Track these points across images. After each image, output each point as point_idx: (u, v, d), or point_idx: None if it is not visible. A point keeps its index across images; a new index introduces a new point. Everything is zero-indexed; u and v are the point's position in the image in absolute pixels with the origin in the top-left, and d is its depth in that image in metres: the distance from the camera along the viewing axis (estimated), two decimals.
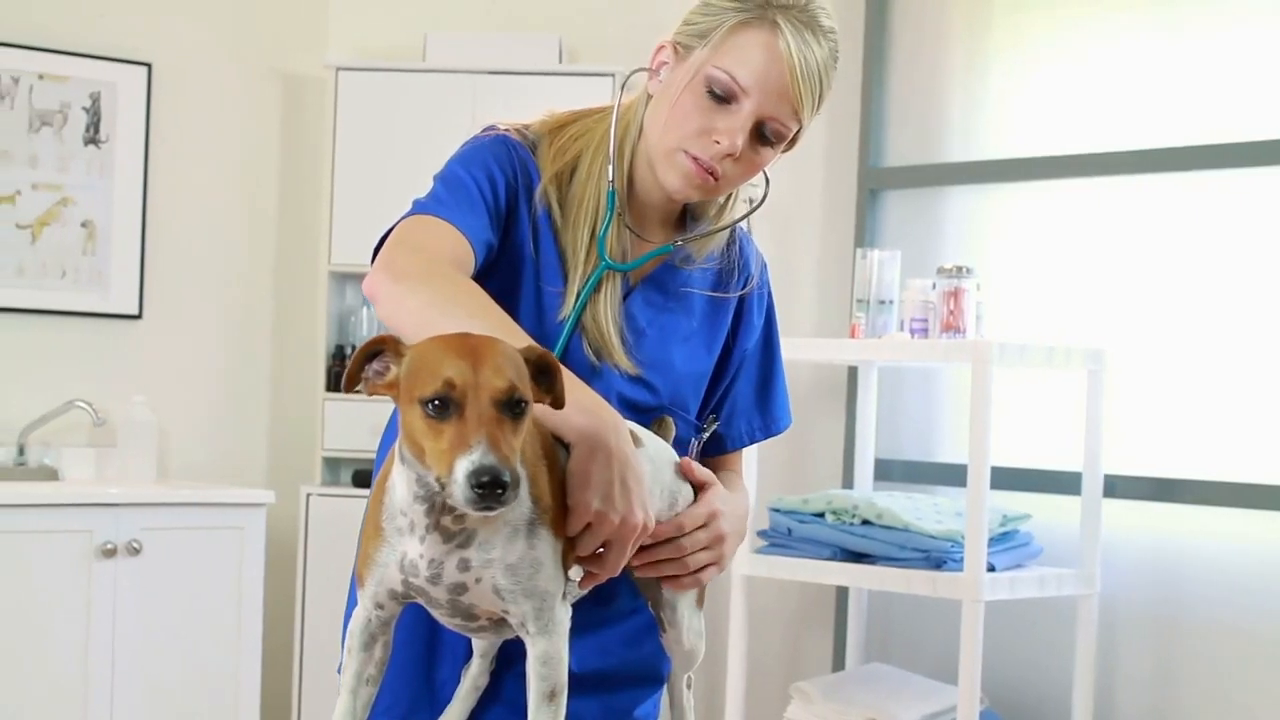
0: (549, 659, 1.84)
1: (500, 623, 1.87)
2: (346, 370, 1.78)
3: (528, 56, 5.51)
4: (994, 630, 4.70)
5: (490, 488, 1.63)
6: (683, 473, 2.12)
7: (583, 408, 1.88)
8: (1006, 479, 4.77)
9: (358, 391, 1.79)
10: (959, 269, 4.51)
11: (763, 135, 2.12)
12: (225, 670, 4.97)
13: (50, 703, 4.68)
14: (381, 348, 1.77)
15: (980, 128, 5.12)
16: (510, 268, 2.19)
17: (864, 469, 5.09)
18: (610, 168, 2.19)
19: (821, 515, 4.59)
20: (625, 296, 2.23)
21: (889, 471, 5.17)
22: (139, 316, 5.48)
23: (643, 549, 2.02)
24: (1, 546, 4.59)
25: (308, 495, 5.37)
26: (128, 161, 5.44)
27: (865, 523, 4.50)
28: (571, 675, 2.18)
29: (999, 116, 5.08)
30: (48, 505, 4.72)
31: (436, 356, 1.71)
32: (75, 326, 5.38)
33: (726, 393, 2.35)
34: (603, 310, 2.18)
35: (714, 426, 2.34)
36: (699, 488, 2.13)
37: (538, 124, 2.27)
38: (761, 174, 2.23)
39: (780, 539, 4.67)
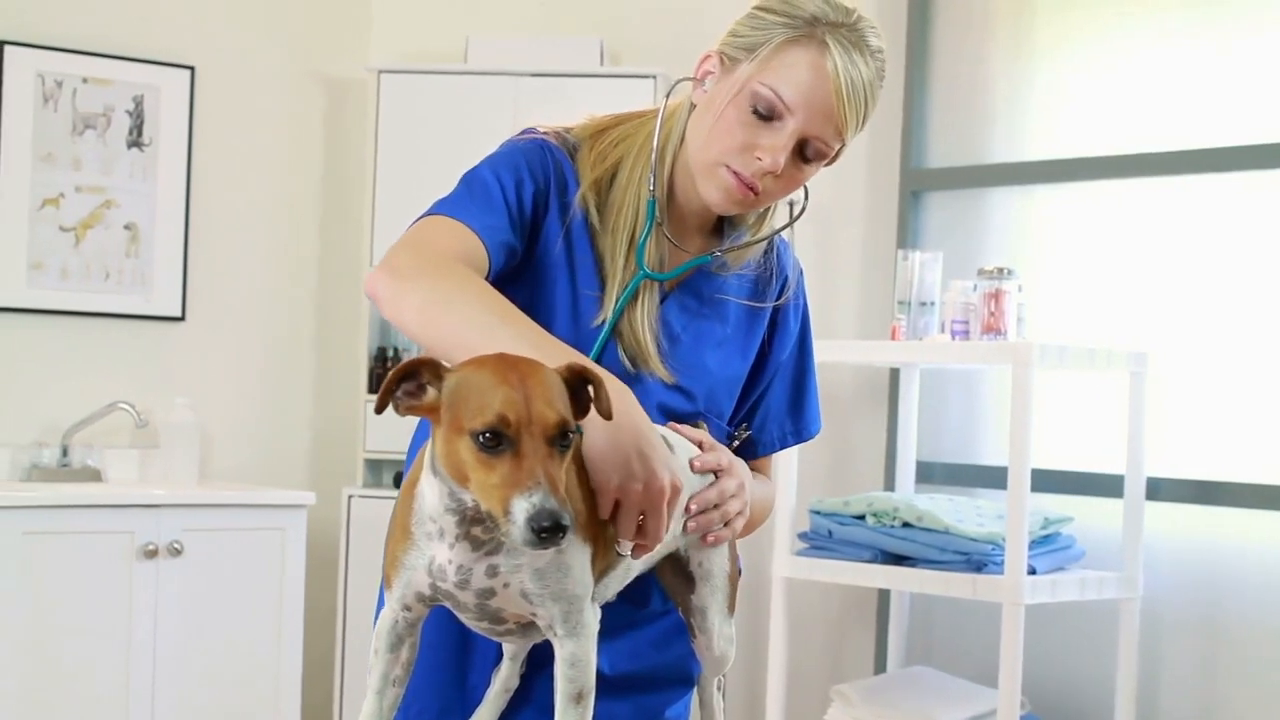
0: (577, 661, 1.84)
1: (527, 627, 1.87)
2: (379, 394, 1.75)
3: (569, 59, 5.51)
4: (1036, 633, 4.68)
5: (552, 531, 1.64)
6: (680, 434, 2.10)
7: None
8: (1048, 481, 4.75)
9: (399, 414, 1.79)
10: (1000, 270, 4.49)
11: (804, 153, 2.11)
12: (266, 671, 4.99)
13: (91, 703, 4.69)
14: (418, 369, 1.76)
15: (1023, 129, 5.09)
16: (542, 273, 2.18)
17: (905, 471, 5.07)
18: (651, 176, 2.18)
19: (862, 517, 4.58)
20: (660, 303, 2.22)
21: (931, 474, 5.15)
22: (182, 319, 5.50)
23: (693, 498, 2.03)
24: (45, 547, 4.61)
25: (349, 497, 5.38)
26: (171, 164, 5.46)
27: (906, 525, 4.48)
28: (603, 678, 2.18)
29: (1041, 117, 5.06)
30: (90, 506, 4.74)
31: (485, 385, 1.70)
32: (118, 329, 5.40)
33: (760, 399, 2.35)
34: (640, 318, 2.18)
35: (746, 434, 2.33)
36: (700, 446, 2.11)
37: (579, 128, 2.26)
38: (802, 188, 2.22)
39: (821, 541, 4.65)
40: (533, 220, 2.17)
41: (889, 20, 5.27)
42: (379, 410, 1.77)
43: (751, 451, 2.34)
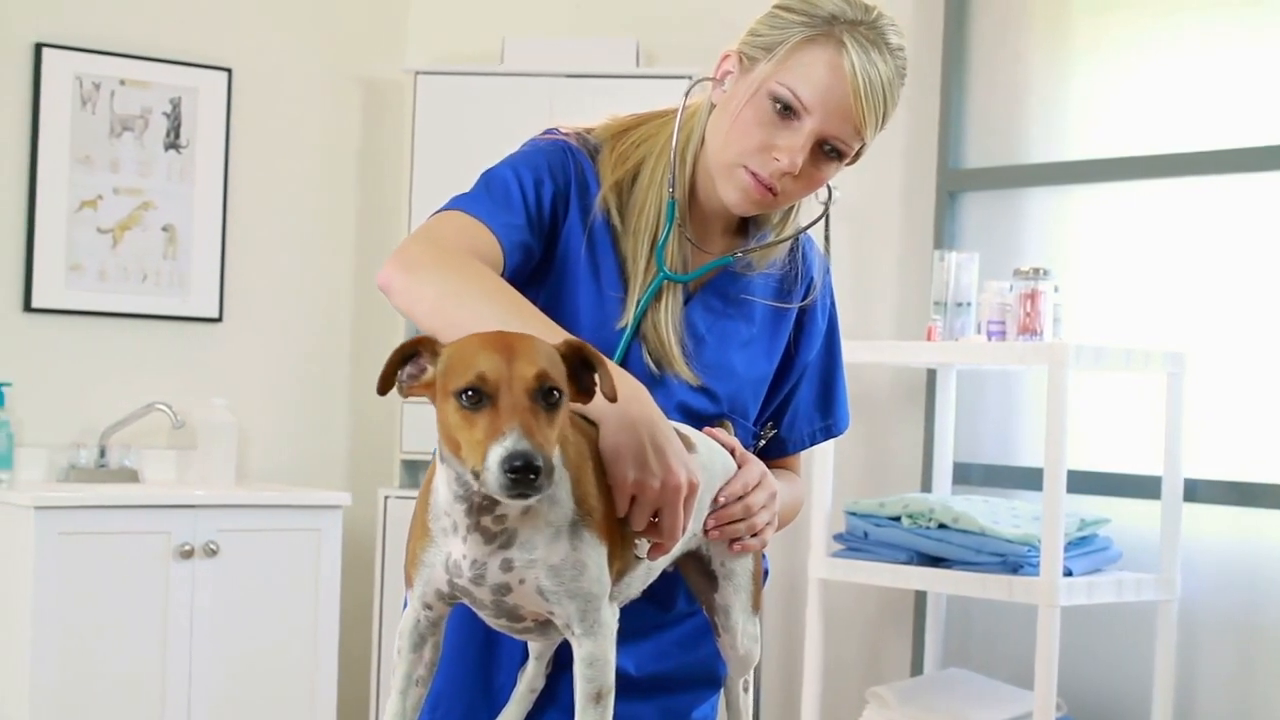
0: (595, 660, 1.83)
1: (546, 624, 1.87)
2: (381, 373, 1.78)
3: (605, 60, 5.51)
4: (1074, 636, 4.65)
5: (523, 473, 1.63)
6: (714, 438, 2.10)
7: None
8: (1085, 483, 4.73)
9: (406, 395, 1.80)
10: (1036, 271, 4.47)
11: (824, 152, 2.10)
12: (301, 671, 5.00)
13: (127, 702, 4.71)
14: (417, 350, 1.78)
15: (1060, 129, 5.07)
16: (564, 275, 2.18)
17: (942, 472, 5.06)
18: (671, 177, 2.17)
19: (898, 519, 4.57)
20: (685, 302, 2.21)
21: (968, 475, 5.13)
22: (219, 320, 5.52)
23: (714, 513, 2.03)
24: (82, 546, 4.63)
25: (385, 497, 5.39)
26: (208, 166, 5.48)
27: (941, 526, 4.47)
28: (629, 678, 2.18)
29: (1079, 117, 5.03)
30: (126, 507, 4.75)
31: (471, 351, 1.72)
32: (156, 330, 5.42)
33: (789, 398, 2.34)
34: (663, 320, 2.17)
35: (771, 434, 2.32)
36: (732, 452, 2.10)
37: (600, 128, 2.25)
38: (826, 185, 2.21)
39: (856, 542, 4.64)
40: (552, 221, 2.17)
41: (926, 20, 5.25)
42: (382, 391, 1.78)
43: (780, 449, 2.34)
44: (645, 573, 1.99)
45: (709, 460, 2.04)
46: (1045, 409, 4.32)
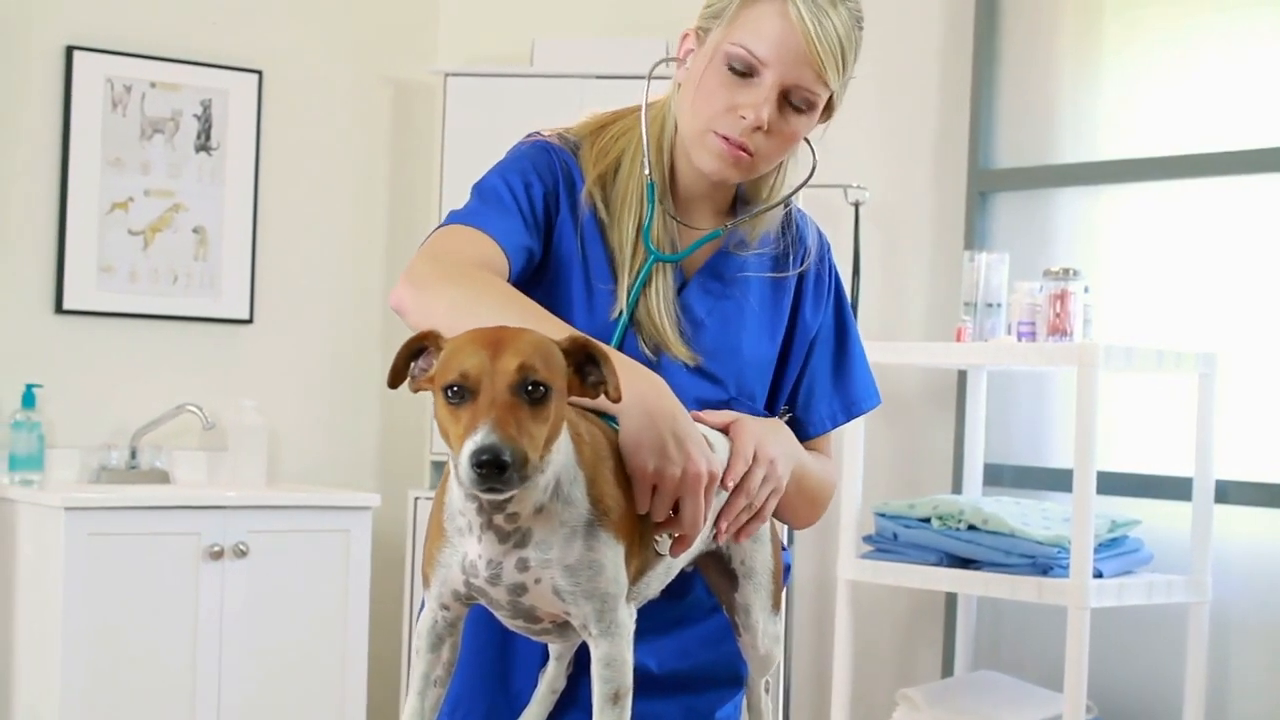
0: (612, 661, 1.83)
1: (565, 626, 1.86)
2: (391, 366, 1.78)
3: (635, 60, 5.48)
4: (1105, 638, 4.63)
5: (490, 467, 1.62)
6: (704, 421, 2.07)
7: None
8: (1117, 484, 4.71)
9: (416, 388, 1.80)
10: (1065, 271, 4.46)
11: (792, 105, 2.11)
12: (331, 672, 5.00)
13: (157, 703, 4.72)
14: (424, 344, 1.78)
15: (1091, 128, 5.05)
16: (557, 272, 2.19)
17: (973, 474, 5.04)
18: (645, 160, 2.17)
19: (927, 520, 4.55)
20: (681, 288, 2.21)
21: (999, 477, 5.11)
22: (250, 321, 5.53)
23: (721, 511, 2.01)
24: (111, 547, 4.64)
25: (415, 499, 5.39)
26: (239, 168, 5.49)
27: (971, 528, 4.45)
28: (652, 677, 2.17)
29: (1110, 117, 5.01)
30: (156, 507, 4.76)
31: (459, 346, 1.73)
32: (187, 331, 5.43)
33: (801, 377, 2.32)
34: (655, 303, 2.17)
35: (787, 416, 2.30)
36: (726, 430, 2.07)
37: (579, 126, 2.27)
38: (809, 151, 2.23)
39: (886, 544, 4.63)
40: (546, 220, 2.18)
41: (956, 20, 5.24)
42: (393, 384, 1.80)
43: (802, 433, 2.31)
44: (664, 572, 1.99)
45: (725, 459, 2.04)
46: (1075, 410, 4.31)
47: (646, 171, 2.17)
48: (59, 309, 5.21)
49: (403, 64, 5.86)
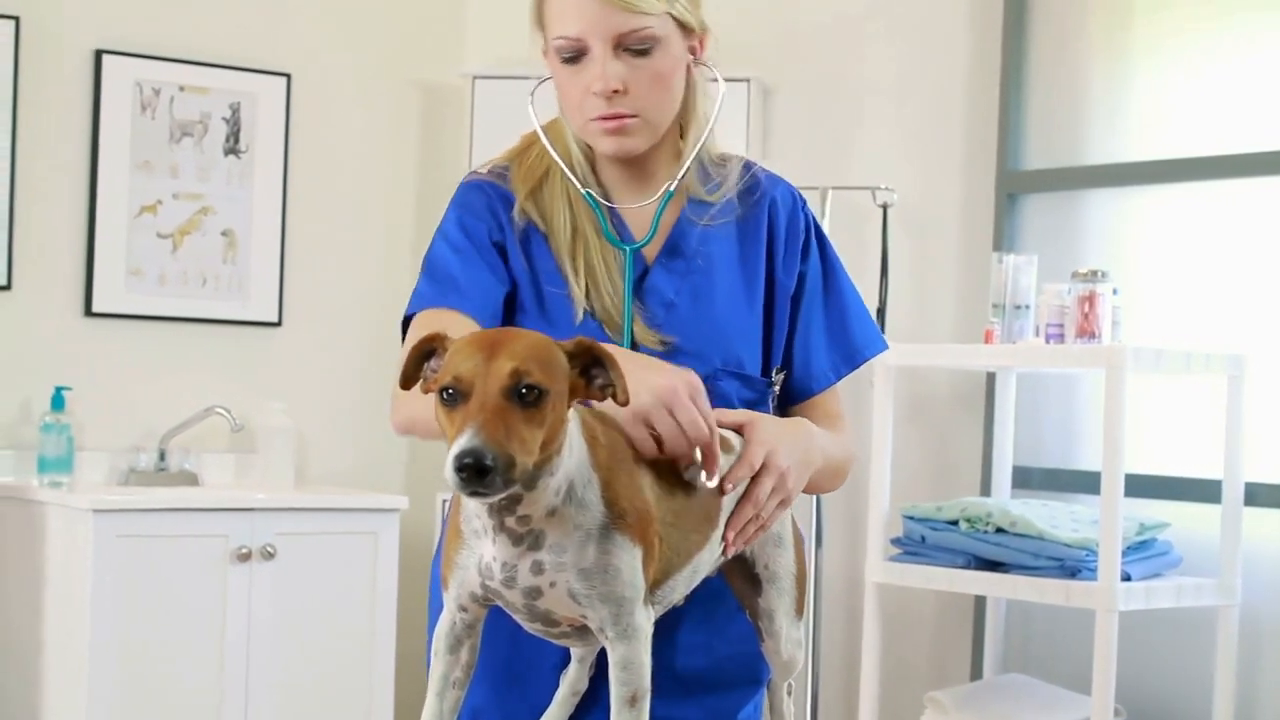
0: (629, 664, 1.83)
1: (584, 629, 1.87)
2: (402, 369, 1.79)
3: None
4: (1134, 641, 4.62)
5: (471, 470, 1.62)
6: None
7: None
8: (1145, 487, 4.68)
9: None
10: (1093, 273, 4.44)
11: (634, 51, 2.14)
12: (358, 674, 5.01)
13: (185, 704, 4.73)
14: (434, 346, 1.78)
15: (1120, 129, 5.03)
16: (516, 288, 2.24)
17: (1002, 476, 5.02)
18: (573, 178, 2.22)
19: (955, 523, 4.54)
20: (644, 275, 2.23)
21: (1028, 479, 5.09)
22: (278, 324, 5.54)
23: (728, 522, 2.01)
24: (139, 549, 4.65)
25: (443, 501, 5.40)
26: (267, 171, 5.51)
27: (999, 531, 4.44)
28: (674, 676, 2.17)
29: (1140, 118, 4.99)
30: (183, 509, 4.77)
31: (457, 349, 1.74)
32: (215, 334, 5.45)
33: (793, 335, 2.32)
34: (609, 299, 2.19)
35: (780, 378, 2.30)
36: (739, 430, 2.07)
37: (507, 152, 2.34)
38: (711, 79, 2.26)
39: (914, 546, 4.62)
40: (499, 251, 2.23)
41: (985, 20, 5.23)
42: (405, 386, 1.81)
43: (805, 391, 2.32)
44: (690, 576, 1.99)
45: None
46: (1103, 412, 4.29)
47: (578, 185, 2.22)
48: (88, 312, 5.23)
49: (430, 67, 5.87)
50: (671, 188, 2.24)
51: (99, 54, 5.25)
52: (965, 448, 5.24)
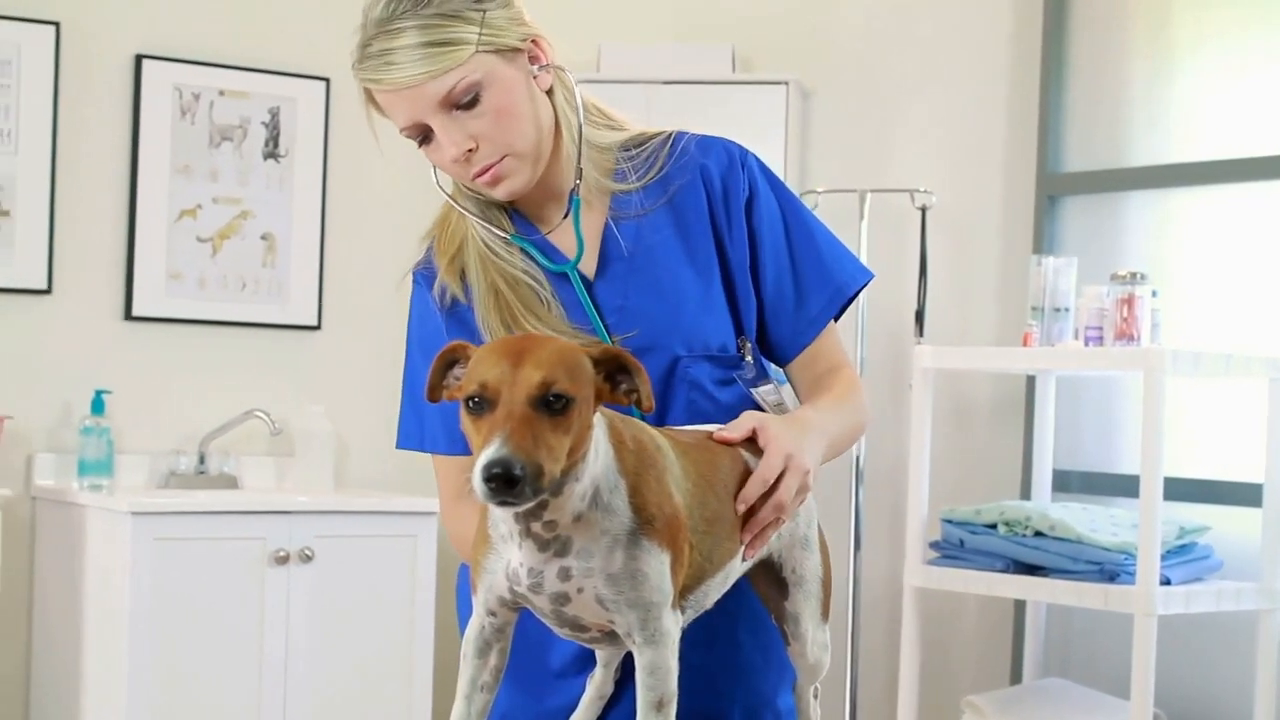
0: (656, 669, 1.82)
1: (614, 634, 1.86)
2: (428, 381, 1.78)
3: (701, 66, 5.50)
4: (1175, 645, 4.59)
5: (500, 480, 1.62)
6: (721, 441, 2.02)
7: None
8: (1186, 490, 4.66)
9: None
10: (1132, 275, 4.42)
11: (464, 106, 2.10)
12: (397, 677, 5.01)
13: (222, 706, 4.74)
14: (456, 356, 1.78)
15: (1161, 131, 5.01)
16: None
17: (1042, 479, 5.00)
18: (481, 223, 2.23)
19: (994, 526, 4.53)
20: (590, 288, 2.20)
21: (1068, 483, 5.07)
22: (317, 328, 5.55)
23: (746, 522, 1.98)
24: (177, 552, 4.66)
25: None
26: (306, 175, 5.52)
27: (1038, 534, 4.42)
28: (709, 673, 2.16)
29: (1180, 119, 4.97)
30: (221, 512, 4.78)
31: (482, 357, 1.73)
32: (255, 338, 5.46)
33: (767, 291, 2.25)
34: (554, 323, 2.16)
35: (749, 348, 2.24)
36: (752, 439, 2.02)
37: (429, 228, 2.35)
38: (561, 80, 2.20)
39: (952, 550, 4.61)
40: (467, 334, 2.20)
41: (1025, 22, 5.21)
42: (432, 399, 1.80)
43: (799, 342, 2.26)
44: (722, 581, 1.98)
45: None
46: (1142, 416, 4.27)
47: (497, 234, 2.21)
48: (128, 316, 5.25)
49: None
50: (576, 186, 2.19)
51: (139, 59, 5.27)
52: (1004, 451, 5.22)
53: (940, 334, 5.21)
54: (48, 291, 5.14)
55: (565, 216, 2.21)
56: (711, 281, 2.22)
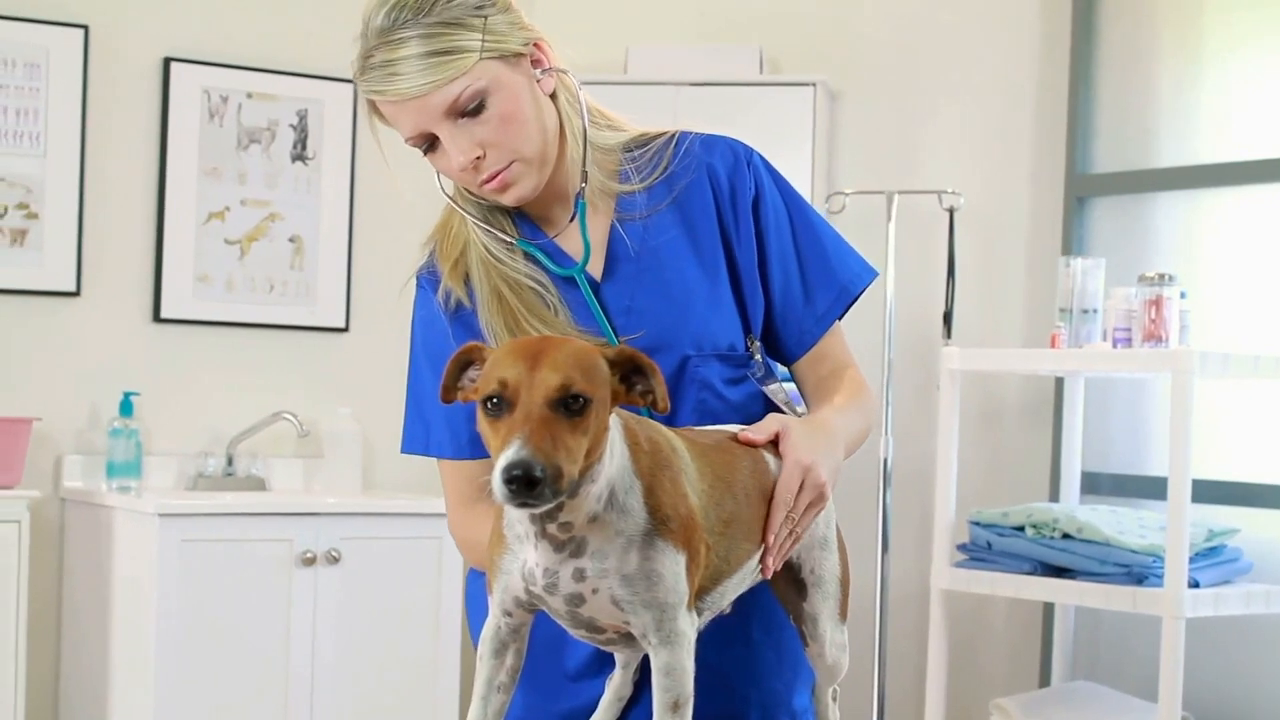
0: (671, 670, 1.81)
1: (630, 635, 1.85)
2: (442, 382, 1.78)
3: (729, 67, 5.49)
4: (1204, 648, 4.57)
5: (521, 483, 1.62)
6: (745, 442, 2.02)
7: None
8: (1216, 492, 4.64)
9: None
10: (1161, 276, 4.40)
11: (469, 113, 2.09)
12: (424, 678, 5.01)
13: (249, 707, 4.75)
14: (471, 358, 1.78)
15: (1190, 132, 4.99)
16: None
17: (1070, 482, 4.98)
18: (500, 245, 2.19)
19: (1021, 529, 4.51)
20: (597, 290, 2.19)
21: (1096, 485, 5.05)
22: (345, 330, 5.56)
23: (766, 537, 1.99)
24: (204, 553, 4.68)
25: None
26: (334, 177, 5.53)
27: (1066, 537, 4.41)
28: (721, 673, 2.15)
29: (1209, 120, 4.95)
30: (248, 514, 4.79)
31: (499, 358, 1.72)
32: (283, 340, 5.47)
33: (775, 290, 2.25)
34: (562, 327, 2.15)
35: (758, 347, 2.23)
36: (774, 442, 2.03)
37: (431, 231, 2.32)
38: (564, 83, 2.20)
39: (980, 552, 4.59)
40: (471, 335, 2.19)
41: (1053, 23, 5.19)
42: (446, 400, 1.79)
43: (805, 341, 2.25)
44: (739, 583, 1.97)
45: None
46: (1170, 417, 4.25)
47: (506, 239, 2.19)
48: (156, 318, 5.26)
49: None
50: (581, 188, 2.18)
51: (167, 62, 5.28)
52: (1032, 453, 5.21)
53: (968, 335, 5.20)
54: (77, 294, 5.16)
55: (571, 219, 2.20)
56: (719, 280, 2.22)
